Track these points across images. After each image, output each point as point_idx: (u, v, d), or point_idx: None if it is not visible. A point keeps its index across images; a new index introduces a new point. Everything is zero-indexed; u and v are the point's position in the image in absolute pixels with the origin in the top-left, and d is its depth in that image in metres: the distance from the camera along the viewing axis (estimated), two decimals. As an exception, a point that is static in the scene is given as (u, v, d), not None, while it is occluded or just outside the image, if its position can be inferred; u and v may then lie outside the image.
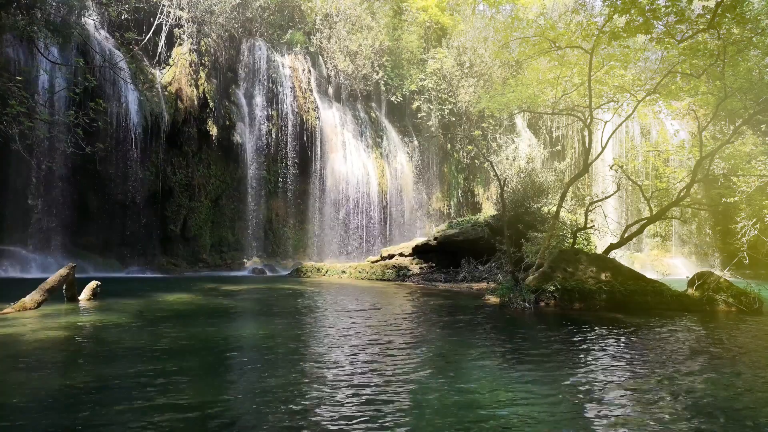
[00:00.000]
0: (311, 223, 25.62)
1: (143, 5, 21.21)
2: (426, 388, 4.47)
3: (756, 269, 18.78)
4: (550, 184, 20.19)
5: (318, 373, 4.96)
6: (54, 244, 18.56)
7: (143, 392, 4.19)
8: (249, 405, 3.99)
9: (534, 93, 17.42)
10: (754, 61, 13.82)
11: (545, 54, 14.48)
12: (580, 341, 6.96)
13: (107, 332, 6.86)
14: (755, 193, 15.86)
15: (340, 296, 12.85)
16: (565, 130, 31.61)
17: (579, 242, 16.18)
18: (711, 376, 5.15)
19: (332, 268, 19.82)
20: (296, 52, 25.89)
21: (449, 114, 29.02)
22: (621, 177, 16.34)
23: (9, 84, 12.79)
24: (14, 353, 5.50)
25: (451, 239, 18.63)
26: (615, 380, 4.92)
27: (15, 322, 7.32)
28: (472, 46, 29.04)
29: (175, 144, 21.81)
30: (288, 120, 24.64)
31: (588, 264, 11.37)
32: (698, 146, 13.71)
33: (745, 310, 10.16)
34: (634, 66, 15.82)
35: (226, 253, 23.24)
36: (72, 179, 18.91)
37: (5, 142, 12.94)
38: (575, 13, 13.94)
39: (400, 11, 29.87)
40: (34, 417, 3.67)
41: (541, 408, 4.01)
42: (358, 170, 26.27)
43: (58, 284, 9.10)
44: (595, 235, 17.70)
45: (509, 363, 5.51)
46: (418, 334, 7.39)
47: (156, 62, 21.89)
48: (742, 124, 13.75)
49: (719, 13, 10.50)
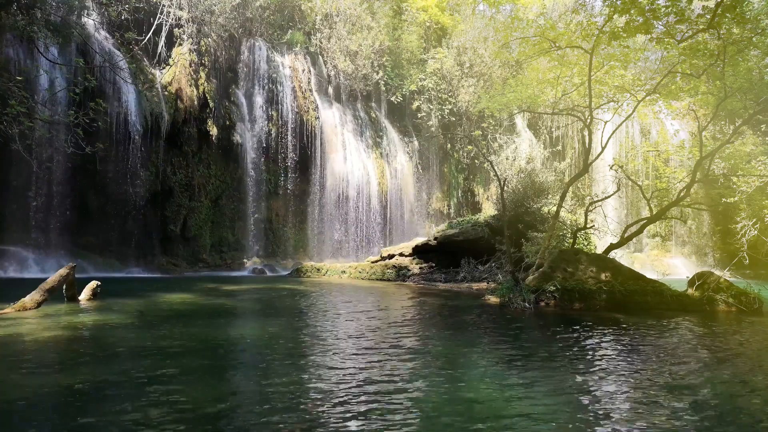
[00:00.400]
0: (311, 223, 25.62)
1: (143, 5, 21.21)
2: (426, 389, 4.47)
3: (756, 269, 18.77)
4: (550, 184, 20.19)
5: (318, 373, 4.96)
6: (54, 244, 18.56)
7: (143, 392, 4.19)
8: (249, 405, 3.99)
9: (534, 93, 17.42)
10: (754, 61, 13.82)
11: (545, 54, 14.48)
12: (580, 341, 6.96)
13: (107, 332, 6.85)
14: (755, 193, 15.86)
15: (340, 296, 12.85)
16: (565, 130, 31.62)
17: (579, 242, 16.17)
18: (711, 376, 5.15)
19: (332, 268, 19.82)
20: (296, 52, 25.90)
21: (449, 114, 29.02)
22: (621, 177, 16.34)
23: (9, 84, 12.80)
24: (14, 353, 5.50)
25: (451, 239, 18.63)
26: (615, 380, 4.92)
27: (15, 322, 7.32)
28: (472, 46, 29.05)
29: (175, 144, 21.81)
30: (288, 120, 24.64)
31: (588, 264, 11.37)
32: (698, 146, 13.71)
33: (745, 310, 10.15)
34: (634, 66, 15.83)
35: (226, 253, 23.24)
36: (72, 179, 18.91)
37: (5, 142, 12.94)
38: (575, 13, 13.94)
39: (400, 11, 29.87)
40: (34, 417, 3.67)
41: (542, 408, 4.01)
42: (358, 170, 26.27)
43: (58, 284, 9.09)
44: (595, 235, 17.70)
45: (509, 363, 5.51)
46: (418, 334, 7.38)
47: (156, 62, 21.89)
48: (742, 124, 13.75)
49: (719, 13, 10.50)
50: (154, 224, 21.21)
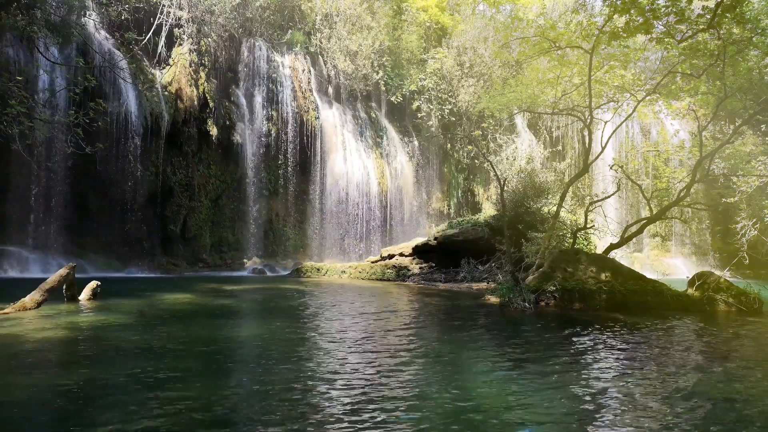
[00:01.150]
0: (311, 223, 25.61)
1: (143, 5, 21.21)
2: (426, 389, 4.47)
3: (756, 269, 18.78)
4: (550, 184, 20.17)
5: (318, 373, 4.96)
6: (54, 244, 18.55)
7: (143, 392, 4.19)
8: (249, 405, 3.99)
9: (534, 93, 17.42)
10: (754, 61, 13.80)
11: (545, 54, 14.48)
12: (580, 341, 6.96)
13: (107, 332, 6.85)
14: (755, 193, 15.86)
15: (340, 296, 12.85)
16: (565, 130, 31.61)
17: (579, 242, 16.15)
18: (711, 376, 5.15)
19: (332, 268, 19.82)
20: (296, 52, 25.89)
21: (449, 114, 29.02)
22: (621, 177, 16.34)
23: (9, 84, 12.80)
24: (14, 353, 5.50)
25: (451, 239, 18.62)
26: (615, 380, 4.92)
27: (15, 322, 7.32)
28: (472, 46, 29.04)
29: (175, 144, 21.81)
30: (288, 120, 24.64)
31: (588, 264, 11.37)
32: (698, 146, 13.71)
33: (745, 310, 10.15)
34: (634, 66, 15.82)
35: (226, 253, 23.24)
36: (72, 179, 18.91)
37: (5, 142, 12.94)
38: (575, 13, 13.93)
39: (400, 11, 29.86)
40: (34, 417, 3.67)
41: (542, 408, 4.01)
42: (358, 170, 26.27)
43: (58, 284, 9.09)
44: (595, 235, 17.68)
45: (509, 363, 5.51)
46: (418, 335, 7.38)
47: (156, 62, 21.88)
48: (742, 124, 13.75)
49: (719, 13, 10.49)
50: (154, 224, 21.20)
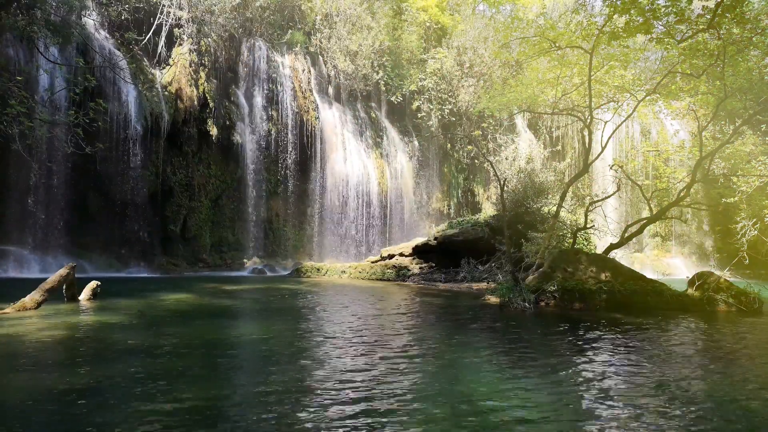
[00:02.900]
0: (311, 223, 25.60)
1: (143, 5, 21.21)
2: (426, 389, 4.47)
3: (756, 269, 18.76)
4: (550, 184, 20.19)
5: (318, 373, 4.96)
6: (54, 244, 18.55)
7: (143, 392, 4.19)
8: (249, 405, 3.99)
9: (534, 93, 17.39)
10: (754, 61, 13.79)
11: (545, 54, 14.47)
12: (580, 341, 6.96)
13: (107, 332, 6.86)
14: (755, 193, 15.84)
15: (340, 296, 12.85)
16: (565, 130, 31.61)
17: (579, 242, 16.17)
18: (711, 376, 5.15)
19: (332, 268, 19.82)
20: (296, 52, 25.89)
21: (449, 114, 29.01)
22: (621, 177, 16.34)
23: (9, 84, 12.81)
24: (14, 353, 5.50)
25: (451, 239, 18.62)
26: (615, 381, 4.92)
27: (15, 322, 7.32)
28: (472, 46, 29.03)
29: (175, 144, 21.81)
30: (288, 120, 24.63)
31: (588, 264, 11.36)
32: (698, 146, 13.71)
33: (745, 310, 10.15)
34: (634, 66, 15.82)
35: (226, 253, 23.23)
36: (72, 179, 18.91)
37: (5, 142, 12.95)
38: (575, 13, 13.92)
39: (400, 11, 29.86)
40: (34, 417, 3.67)
41: (542, 409, 4.01)
42: (358, 170, 26.26)
43: (58, 284, 9.10)
44: (595, 235, 17.68)
45: (509, 363, 5.51)
46: (418, 335, 7.38)
47: (156, 62, 21.88)
48: (742, 124, 13.74)
49: (719, 13, 10.50)
50: (154, 224, 21.20)
